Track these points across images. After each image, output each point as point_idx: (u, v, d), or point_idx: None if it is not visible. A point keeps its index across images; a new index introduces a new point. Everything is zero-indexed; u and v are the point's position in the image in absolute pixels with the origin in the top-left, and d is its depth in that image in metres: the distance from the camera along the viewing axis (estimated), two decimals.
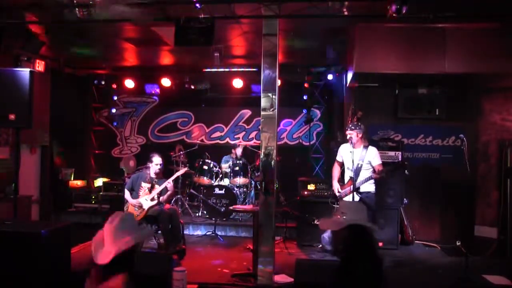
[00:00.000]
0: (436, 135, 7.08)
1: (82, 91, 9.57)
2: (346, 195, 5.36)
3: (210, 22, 4.73)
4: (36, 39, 6.42)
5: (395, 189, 6.43)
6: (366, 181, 5.27)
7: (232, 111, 9.60)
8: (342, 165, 5.66)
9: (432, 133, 7.08)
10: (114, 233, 1.96)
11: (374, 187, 5.37)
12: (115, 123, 9.95)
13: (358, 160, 5.28)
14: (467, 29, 5.68)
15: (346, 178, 5.50)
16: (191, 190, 8.33)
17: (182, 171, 6.50)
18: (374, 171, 5.31)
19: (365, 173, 5.31)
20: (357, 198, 5.23)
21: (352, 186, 5.19)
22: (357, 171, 5.28)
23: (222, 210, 7.57)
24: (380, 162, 5.35)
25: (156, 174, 6.02)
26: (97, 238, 2.02)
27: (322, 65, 8.33)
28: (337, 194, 5.50)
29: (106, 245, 1.93)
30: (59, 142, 8.62)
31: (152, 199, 5.87)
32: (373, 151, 5.40)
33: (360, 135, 5.37)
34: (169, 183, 5.89)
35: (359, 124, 5.52)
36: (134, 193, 5.97)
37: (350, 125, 5.48)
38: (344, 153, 5.54)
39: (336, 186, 5.55)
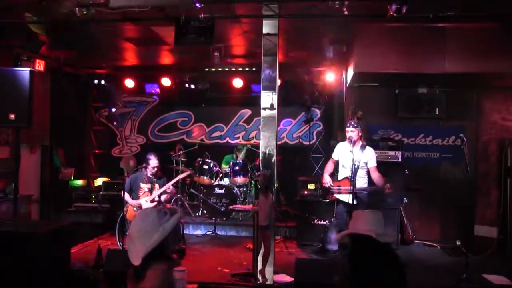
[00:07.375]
0: (436, 135, 7.08)
1: (82, 91, 9.57)
2: (339, 192, 5.33)
3: (210, 21, 4.73)
4: (36, 39, 6.42)
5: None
6: (363, 184, 5.30)
7: (232, 110, 9.59)
8: (336, 163, 5.62)
9: (432, 132, 7.08)
10: (141, 234, 2.00)
11: (367, 184, 5.39)
12: (115, 123, 9.94)
13: (357, 159, 5.28)
14: (467, 28, 5.68)
15: (341, 176, 5.46)
16: (191, 190, 8.34)
17: (184, 174, 6.41)
18: (368, 172, 5.32)
19: (361, 172, 5.31)
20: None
21: (351, 187, 5.15)
22: (355, 171, 5.26)
23: (222, 209, 7.57)
24: (376, 165, 5.36)
25: (153, 174, 5.92)
26: (128, 239, 2.05)
27: (322, 65, 8.32)
28: (329, 186, 5.40)
29: (136, 247, 1.96)
30: (59, 142, 8.62)
31: (153, 201, 5.82)
32: (370, 151, 5.38)
33: (360, 134, 5.37)
34: (169, 188, 5.84)
35: (359, 122, 5.51)
36: (134, 194, 5.91)
37: (352, 123, 5.42)
38: (342, 151, 5.50)
39: (327, 179, 5.45)
